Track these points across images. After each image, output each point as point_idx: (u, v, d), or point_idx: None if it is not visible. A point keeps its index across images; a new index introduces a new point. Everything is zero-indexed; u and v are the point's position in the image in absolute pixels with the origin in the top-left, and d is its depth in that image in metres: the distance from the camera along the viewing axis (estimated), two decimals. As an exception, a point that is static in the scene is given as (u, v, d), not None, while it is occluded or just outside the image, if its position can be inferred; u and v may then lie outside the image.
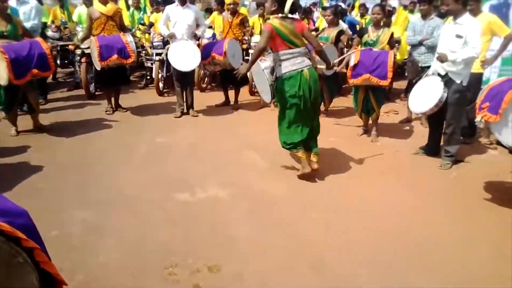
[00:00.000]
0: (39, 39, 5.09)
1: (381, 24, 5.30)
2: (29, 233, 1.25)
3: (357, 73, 5.00)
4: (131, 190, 3.75)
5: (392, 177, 4.22)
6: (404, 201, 3.67)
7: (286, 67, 3.70)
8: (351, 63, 5.03)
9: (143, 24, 8.06)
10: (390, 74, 4.86)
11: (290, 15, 3.67)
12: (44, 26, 7.17)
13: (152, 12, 9.05)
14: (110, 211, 3.37)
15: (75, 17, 7.14)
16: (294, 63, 3.67)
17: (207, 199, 3.62)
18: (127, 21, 7.59)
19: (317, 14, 11.83)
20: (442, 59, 4.17)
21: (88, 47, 6.70)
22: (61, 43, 7.58)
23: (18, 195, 3.59)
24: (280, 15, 3.65)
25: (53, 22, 7.70)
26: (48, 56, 4.88)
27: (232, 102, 6.94)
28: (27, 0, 5.67)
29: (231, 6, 6.44)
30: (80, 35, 6.82)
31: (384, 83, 4.92)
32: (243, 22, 6.53)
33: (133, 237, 3.01)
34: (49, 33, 7.59)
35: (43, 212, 3.30)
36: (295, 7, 3.60)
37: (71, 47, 7.34)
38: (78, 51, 7.08)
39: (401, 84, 8.00)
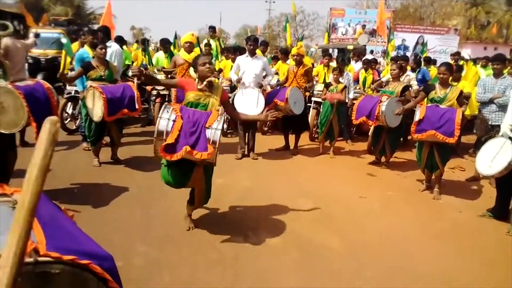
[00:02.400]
0: (131, 83, 5.67)
1: (449, 82, 5.23)
2: (113, 277, 1.42)
3: (422, 129, 4.95)
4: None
5: (452, 240, 4.02)
6: (464, 270, 3.46)
7: None
8: (416, 118, 4.99)
9: (214, 70, 8.62)
10: (457, 132, 4.76)
11: None
12: (127, 67, 7.95)
13: (221, 60, 9.64)
14: (170, 246, 3.57)
15: (154, 61, 7.85)
16: None
17: (258, 244, 3.70)
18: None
19: (383, 62, 11.89)
20: None
21: (164, 89, 7.34)
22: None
23: (88, 224, 3.92)
24: None
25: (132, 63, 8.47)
26: (137, 99, 5.45)
27: (291, 147, 7.08)
28: (109, 45, 6.29)
29: (296, 57, 6.72)
30: (158, 77, 7.46)
31: (451, 140, 4.80)
32: (307, 73, 6.75)
33: (186, 274, 3.16)
34: (130, 73, 8.35)
35: (110, 243, 3.58)
36: None
37: (148, 87, 8.02)
38: (154, 92, 7.72)
39: (469, 139, 7.67)
